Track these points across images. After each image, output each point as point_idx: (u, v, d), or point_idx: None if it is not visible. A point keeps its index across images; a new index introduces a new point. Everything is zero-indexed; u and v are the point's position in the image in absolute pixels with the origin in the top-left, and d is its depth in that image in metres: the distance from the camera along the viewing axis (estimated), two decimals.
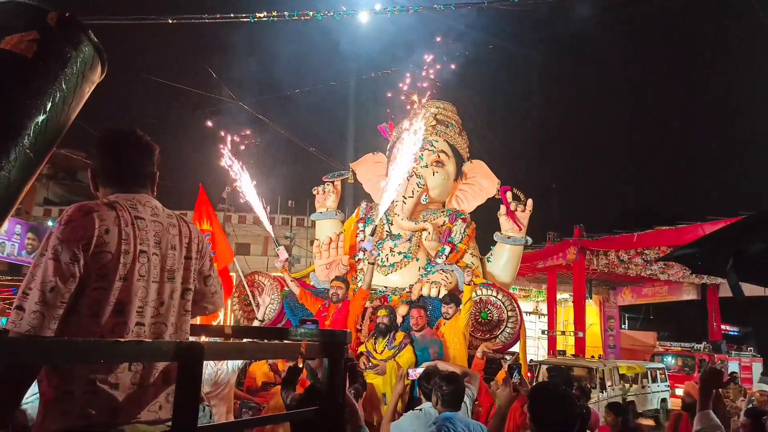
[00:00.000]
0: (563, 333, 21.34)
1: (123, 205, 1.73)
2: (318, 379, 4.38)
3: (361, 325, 6.30)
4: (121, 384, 1.63)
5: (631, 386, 13.66)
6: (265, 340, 1.86)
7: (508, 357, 6.21)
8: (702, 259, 1.85)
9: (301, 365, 4.15)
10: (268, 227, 6.81)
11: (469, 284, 5.87)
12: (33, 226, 18.96)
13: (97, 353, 1.21)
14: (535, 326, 24.14)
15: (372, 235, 6.50)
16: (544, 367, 10.93)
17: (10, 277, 16.34)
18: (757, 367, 18.29)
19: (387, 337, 5.79)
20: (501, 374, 3.93)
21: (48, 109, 1.38)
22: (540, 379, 10.12)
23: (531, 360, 16.43)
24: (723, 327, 23.06)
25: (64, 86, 1.43)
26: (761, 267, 1.64)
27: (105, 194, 1.82)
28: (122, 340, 1.54)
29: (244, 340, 1.92)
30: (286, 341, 1.73)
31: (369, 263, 6.16)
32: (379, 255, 7.28)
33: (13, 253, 17.27)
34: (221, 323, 11.79)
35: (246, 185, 6.56)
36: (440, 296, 6.40)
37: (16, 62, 1.34)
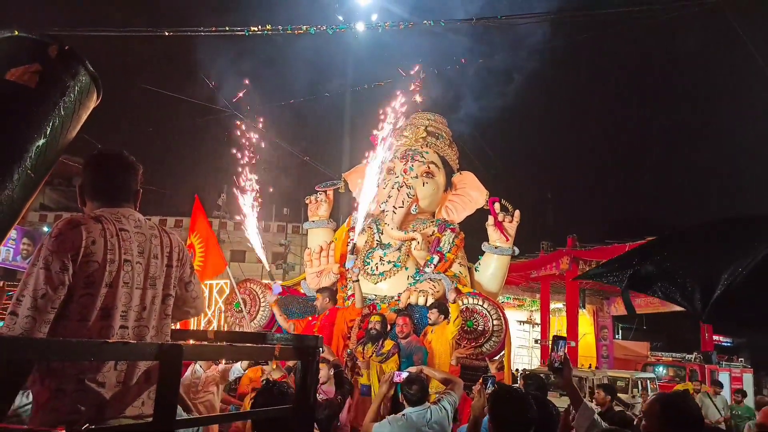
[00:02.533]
0: None
1: (108, 218, 1.89)
2: (345, 380, 4.53)
3: (350, 333, 6.44)
4: (107, 383, 1.78)
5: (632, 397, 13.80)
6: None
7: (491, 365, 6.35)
8: (608, 278, 2.03)
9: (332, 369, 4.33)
10: (266, 264, 7.01)
11: (454, 302, 6.03)
12: (28, 231, 19.04)
13: (87, 352, 1.36)
14: (528, 335, 24.25)
15: (352, 253, 6.62)
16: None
17: (3, 282, 16.39)
18: (748, 378, 18.38)
19: (376, 344, 5.93)
20: (480, 383, 4.07)
21: (48, 133, 1.54)
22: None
23: (524, 370, 16.58)
24: (716, 338, 23.16)
25: (62, 112, 1.59)
26: (656, 284, 1.82)
27: (92, 208, 1.98)
28: (110, 341, 1.69)
29: (222, 343, 2.07)
30: (261, 345, 1.88)
31: (353, 281, 6.28)
32: (358, 272, 7.42)
33: (8, 258, 17.35)
34: (214, 329, 11.89)
35: (251, 227, 6.66)
36: (427, 304, 6.56)
37: (20, 92, 1.50)
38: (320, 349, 1.83)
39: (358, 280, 6.32)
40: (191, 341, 2.33)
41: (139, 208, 2.05)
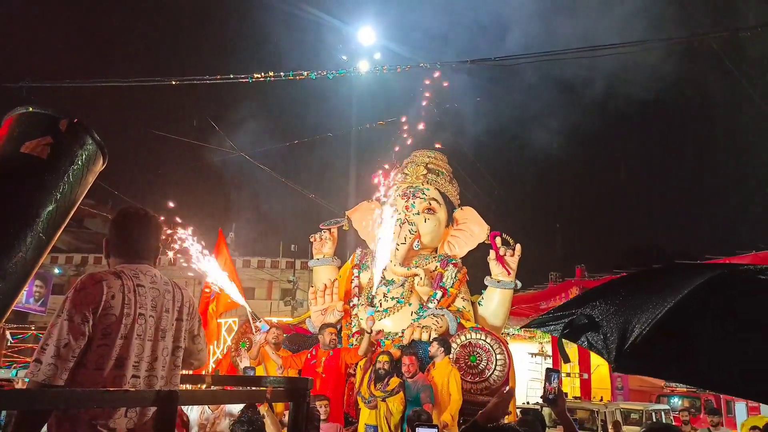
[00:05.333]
0: (568, 375, 21.10)
1: (127, 274, 2.06)
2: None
3: (354, 369, 6.50)
4: (118, 428, 1.92)
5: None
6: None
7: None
8: (548, 327, 2.13)
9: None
10: (245, 304, 7.04)
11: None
12: (40, 273, 19.28)
13: (92, 400, 1.50)
14: (540, 368, 23.86)
15: (371, 305, 6.67)
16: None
17: (16, 325, 16.58)
18: (766, 409, 17.95)
19: (382, 382, 6.00)
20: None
21: (57, 199, 1.72)
22: None
23: (539, 404, 16.33)
24: None
25: (71, 179, 1.76)
26: (585, 333, 1.92)
27: (114, 263, 2.16)
28: (112, 389, 1.83)
29: (216, 388, 2.19)
30: (253, 388, 2.00)
31: (366, 332, 6.36)
32: (372, 324, 7.52)
33: (20, 301, 17.55)
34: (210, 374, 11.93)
35: (215, 274, 6.53)
36: (431, 340, 6.62)
37: (33, 163, 1.69)
38: (309, 390, 1.94)
39: (370, 333, 6.38)
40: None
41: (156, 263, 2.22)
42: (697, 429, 9.65)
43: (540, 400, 18.07)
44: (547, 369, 2.75)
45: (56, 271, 22.99)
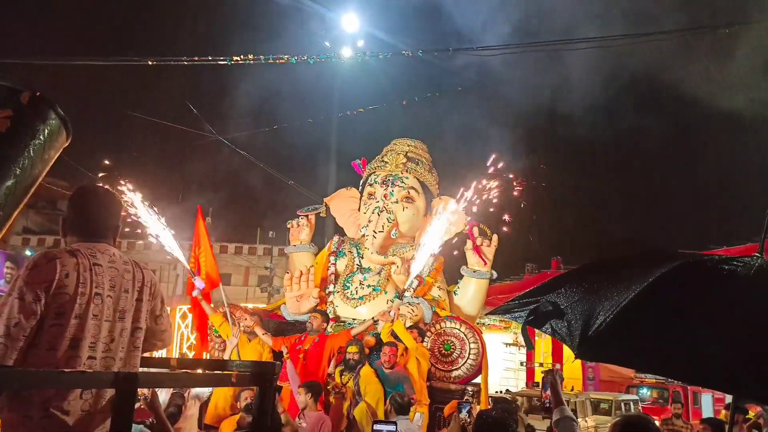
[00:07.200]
0: (541, 365, 21.46)
1: (84, 253, 2.00)
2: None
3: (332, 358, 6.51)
4: (72, 410, 1.86)
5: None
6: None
7: (470, 389, 6.43)
8: (513, 314, 2.15)
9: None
10: (183, 260, 6.82)
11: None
12: (11, 255, 18.88)
13: (47, 381, 1.46)
14: (514, 358, 24.25)
15: (399, 298, 6.80)
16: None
17: None
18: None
19: (353, 373, 6.00)
20: (450, 405, 4.21)
21: (17, 174, 1.66)
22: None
23: (511, 392, 16.64)
24: None
25: (32, 154, 1.70)
26: (549, 321, 1.94)
27: (70, 242, 2.10)
28: (67, 370, 1.78)
29: (181, 371, 2.16)
30: (216, 371, 1.98)
31: (374, 320, 6.55)
32: (348, 288, 7.56)
33: None
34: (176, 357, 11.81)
35: (143, 214, 6.11)
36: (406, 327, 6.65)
37: None
38: (277, 375, 1.93)
39: (377, 321, 6.57)
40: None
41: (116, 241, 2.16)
42: (689, 422, 9.52)
43: (510, 389, 18.35)
44: (543, 377, 2.75)
45: (28, 252, 22.52)
